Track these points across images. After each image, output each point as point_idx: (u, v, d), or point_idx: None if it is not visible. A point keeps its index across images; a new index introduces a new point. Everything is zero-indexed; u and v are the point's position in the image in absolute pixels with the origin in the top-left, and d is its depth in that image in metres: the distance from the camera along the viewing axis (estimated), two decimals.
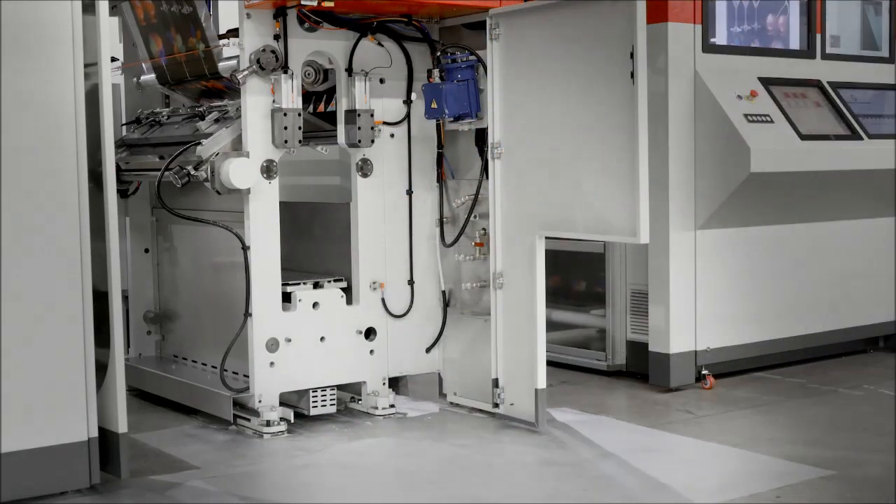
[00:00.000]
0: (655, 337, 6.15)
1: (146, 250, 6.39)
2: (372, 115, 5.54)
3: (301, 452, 5.02)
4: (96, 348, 4.36)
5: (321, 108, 6.30)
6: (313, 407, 5.51)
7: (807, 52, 6.70)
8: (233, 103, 5.69)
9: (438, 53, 5.59)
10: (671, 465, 4.75)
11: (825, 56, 6.79)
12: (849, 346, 7.01)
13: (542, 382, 5.26)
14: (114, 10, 6.14)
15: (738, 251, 6.32)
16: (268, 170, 5.30)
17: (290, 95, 5.28)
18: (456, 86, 5.48)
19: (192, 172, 5.30)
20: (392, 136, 5.70)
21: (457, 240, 5.63)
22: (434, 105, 5.50)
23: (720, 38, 6.25)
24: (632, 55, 4.63)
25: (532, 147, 5.18)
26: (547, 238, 5.24)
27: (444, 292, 5.77)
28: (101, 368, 4.43)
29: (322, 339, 5.50)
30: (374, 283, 5.66)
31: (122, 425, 4.43)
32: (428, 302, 5.80)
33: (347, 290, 5.64)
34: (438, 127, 5.66)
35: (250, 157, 5.25)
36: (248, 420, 5.33)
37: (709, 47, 6.12)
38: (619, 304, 6.50)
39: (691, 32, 6.05)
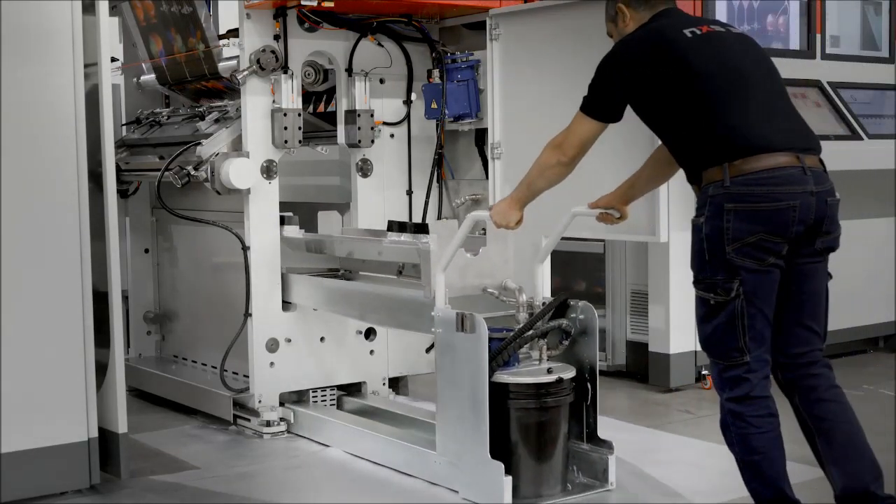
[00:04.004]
0: (655, 337, 6.15)
1: (146, 250, 6.39)
2: (372, 115, 5.54)
3: (301, 453, 5.01)
4: (96, 348, 4.36)
5: (321, 108, 6.31)
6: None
7: (807, 52, 6.70)
8: (233, 103, 5.69)
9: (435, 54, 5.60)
10: (671, 466, 4.75)
11: (825, 56, 6.79)
12: (849, 346, 7.01)
13: None
14: (114, 10, 6.14)
15: None
16: (268, 170, 5.30)
17: (290, 95, 5.28)
18: (456, 86, 5.48)
19: (192, 172, 5.30)
20: (392, 136, 5.70)
21: None
22: (434, 105, 5.51)
23: None
24: None
25: (535, 147, 5.17)
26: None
27: None
28: (101, 368, 4.43)
29: (322, 339, 5.50)
30: None
31: (122, 425, 4.43)
32: None
33: None
34: (438, 127, 5.66)
35: (250, 157, 5.25)
36: (248, 420, 5.33)
37: None
38: (619, 305, 6.49)
39: None
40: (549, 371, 4.20)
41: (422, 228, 4.81)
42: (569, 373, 4.26)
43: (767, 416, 3.52)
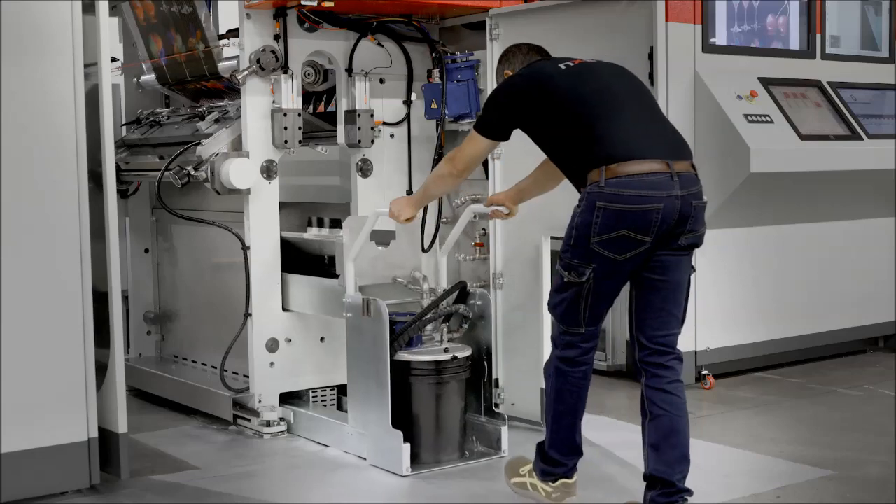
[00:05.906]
0: None
1: (146, 250, 6.40)
2: (372, 115, 5.54)
3: (301, 453, 5.02)
4: (96, 348, 4.36)
5: (321, 108, 6.31)
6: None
7: (807, 52, 6.70)
8: (233, 103, 5.69)
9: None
10: None
11: (825, 56, 6.78)
12: (849, 346, 7.01)
13: None
14: (114, 10, 6.14)
15: (738, 251, 6.32)
16: (268, 170, 5.31)
17: (290, 95, 5.28)
18: (456, 86, 5.48)
19: (192, 172, 5.30)
20: (392, 136, 5.70)
21: (430, 246, 5.57)
22: (434, 105, 5.51)
23: (720, 38, 6.25)
24: (650, 56, 4.61)
25: (534, 147, 5.17)
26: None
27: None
28: (101, 368, 4.43)
29: (322, 339, 5.50)
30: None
31: (122, 425, 4.43)
32: None
33: None
34: (438, 127, 5.66)
35: (250, 157, 5.25)
36: (248, 420, 5.33)
37: (709, 47, 6.12)
38: (619, 304, 6.48)
39: (691, 32, 6.04)
40: (446, 350, 4.74)
41: (338, 223, 5.31)
42: (464, 352, 4.79)
43: (583, 380, 4.03)
